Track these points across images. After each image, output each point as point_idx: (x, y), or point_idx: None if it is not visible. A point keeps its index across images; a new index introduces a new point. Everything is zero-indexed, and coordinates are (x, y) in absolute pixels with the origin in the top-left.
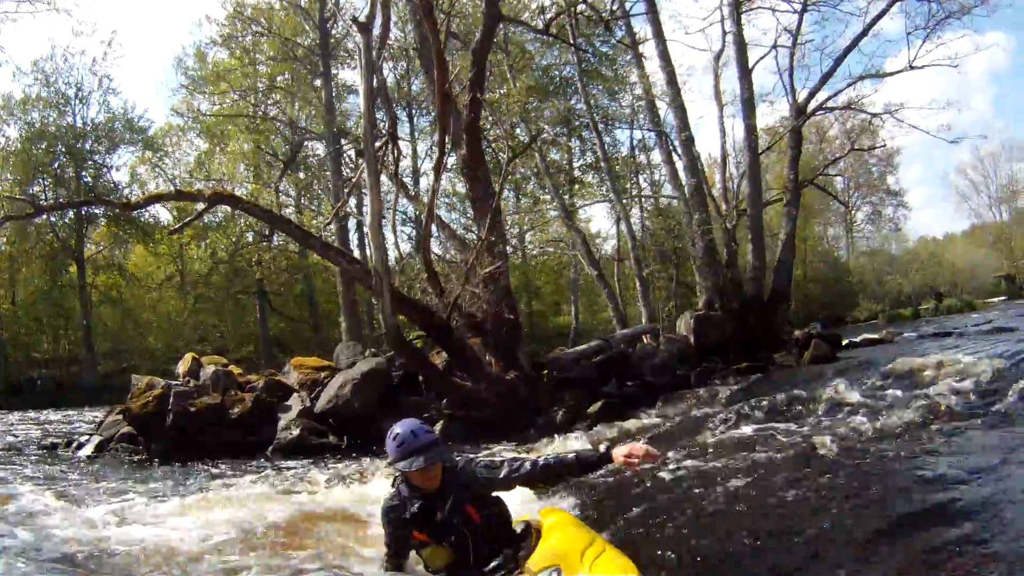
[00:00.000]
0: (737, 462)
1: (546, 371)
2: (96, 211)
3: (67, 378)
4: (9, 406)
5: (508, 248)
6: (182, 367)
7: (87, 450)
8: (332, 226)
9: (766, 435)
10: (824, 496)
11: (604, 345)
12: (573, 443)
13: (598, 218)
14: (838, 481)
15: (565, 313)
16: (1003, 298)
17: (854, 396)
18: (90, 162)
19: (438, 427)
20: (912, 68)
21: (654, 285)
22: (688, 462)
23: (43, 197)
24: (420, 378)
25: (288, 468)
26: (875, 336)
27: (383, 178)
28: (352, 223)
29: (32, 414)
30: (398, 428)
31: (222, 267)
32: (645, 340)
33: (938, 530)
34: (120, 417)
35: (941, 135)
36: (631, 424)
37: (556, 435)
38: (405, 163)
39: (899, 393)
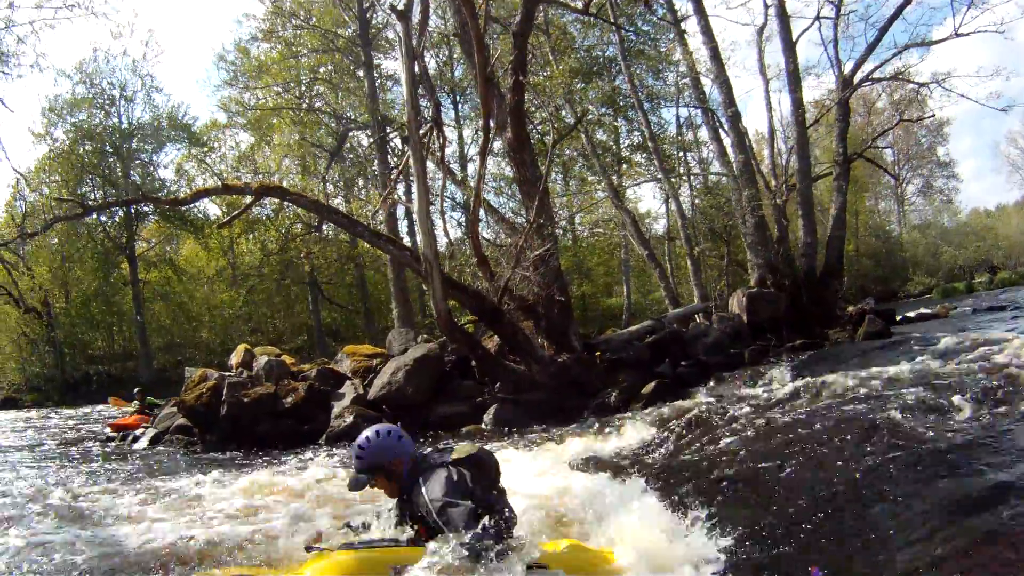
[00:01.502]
0: (791, 442)
1: (599, 353)
2: (145, 208)
3: (123, 373)
4: (67, 403)
5: (557, 230)
6: (235, 358)
7: (143, 443)
8: (380, 214)
9: (821, 414)
10: (882, 477)
11: (656, 325)
12: (629, 426)
13: (647, 198)
14: (896, 463)
15: (617, 294)
16: None
17: (910, 373)
18: (137, 160)
19: (491, 411)
20: (958, 35)
21: (705, 264)
22: (743, 442)
23: (92, 197)
24: (472, 362)
25: (342, 455)
26: (929, 311)
27: (429, 164)
28: (400, 211)
29: (88, 409)
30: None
31: (272, 259)
32: (698, 319)
33: (998, 513)
34: (175, 409)
35: (990, 103)
36: (686, 404)
37: (611, 416)
38: (451, 149)
39: (956, 370)
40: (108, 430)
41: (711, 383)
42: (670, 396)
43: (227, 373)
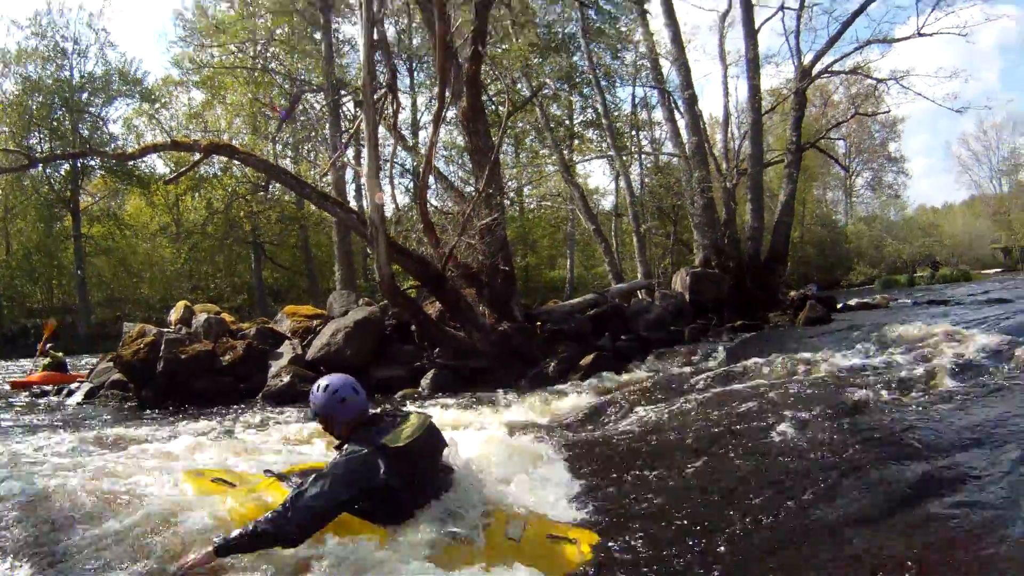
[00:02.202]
0: (727, 420)
1: (540, 323)
2: (92, 162)
3: (61, 327)
4: (3, 355)
5: (506, 201)
6: (174, 315)
7: (77, 397)
8: (329, 176)
9: (756, 395)
10: (814, 459)
11: (599, 299)
12: (566, 396)
13: (596, 175)
14: (830, 445)
15: (560, 267)
16: (999, 270)
17: (848, 360)
18: (87, 114)
19: (429, 376)
20: (921, 35)
21: (651, 242)
22: (678, 419)
23: (39, 149)
24: (413, 327)
25: (278, 414)
26: (870, 300)
27: (381, 130)
28: (349, 176)
29: (25, 363)
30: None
31: (217, 217)
32: (640, 295)
33: (929, 497)
34: (111, 364)
35: (947, 104)
36: (624, 377)
37: (548, 386)
38: (404, 116)
39: (893, 359)
40: (8, 387)
41: (650, 358)
42: (609, 369)
43: (166, 329)
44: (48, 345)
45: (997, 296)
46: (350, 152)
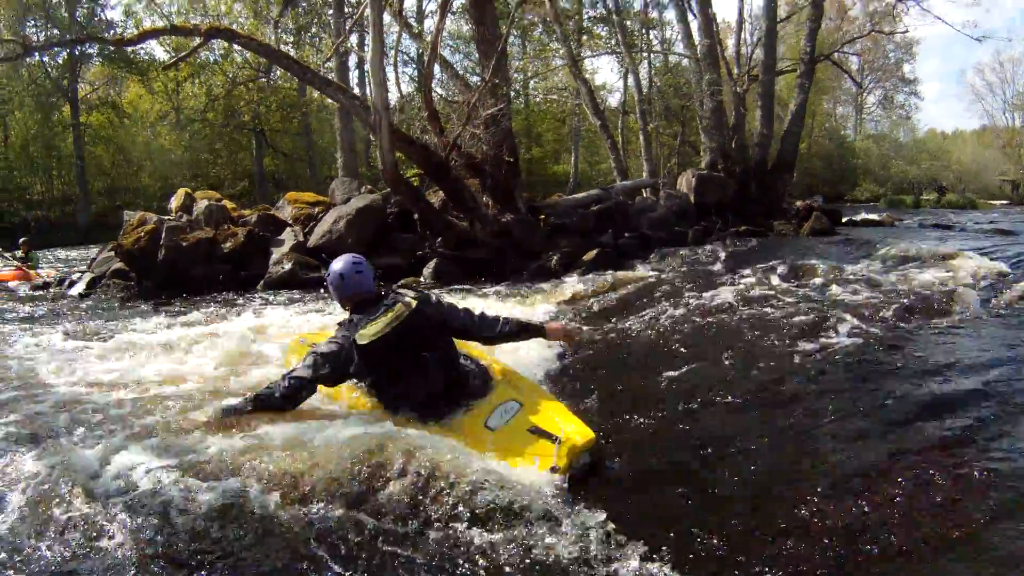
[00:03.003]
0: (725, 324)
1: (543, 216)
2: (90, 49)
3: (61, 219)
4: (3, 248)
5: (511, 93)
6: (175, 203)
7: (79, 288)
8: (332, 62)
9: (757, 301)
10: (809, 376)
11: (603, 195)
12: (567, 290)
13: (604, 71)
14: (825, 361)
15: (565, 162)
16: (1005, 202)
17: (852, 274)
18: (83, 0)
19: (431, 265)
20: None
21: (658, 141)
22: (679, 320)
23: (35, 37)
24: (415, 216)
25: (278, 302)
26: (875, 217)
27: (386, 16)
28: (353, 61)
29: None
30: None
31: (217, 104)
32: (644, 194)
33: (922, 420)
34: (112, 254)
35: (965, 30)
36: (625, 275)
37: (550, 280)
38: (410, 2)
39: (895, 278)
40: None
41: (653, 257)
42: (611, 266)
43: (166, 217)
44: (22, 239)
45: (1003, 227)
46: (353, 38)
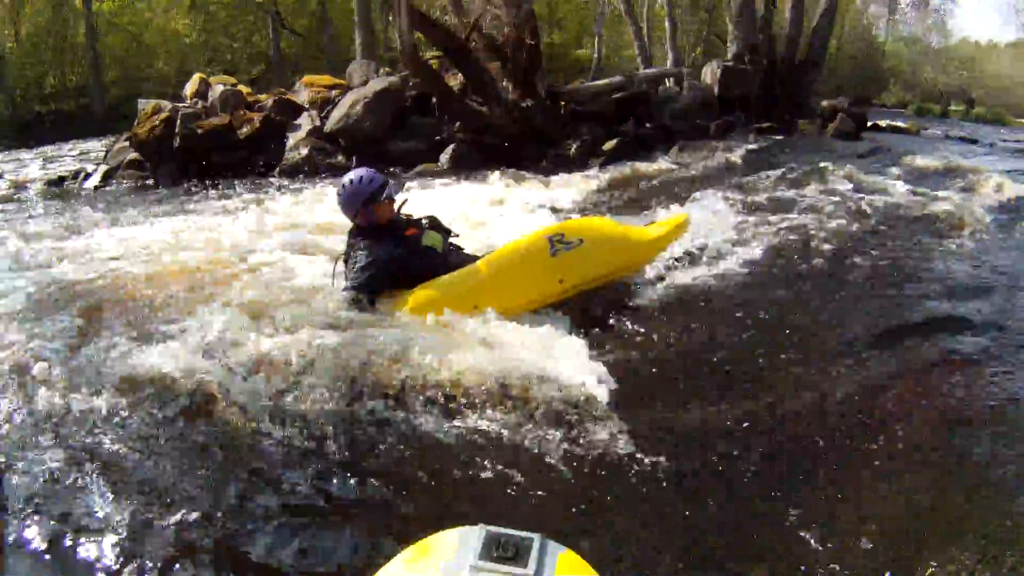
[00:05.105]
0: (743, 226)
1: (564, 102)
2: None
3: (77, 110)
4: (20, 143)
5: None
6: (190, 89)
7: (94, 180)
8: None
9: (779, 201)
10: (826, 287)
11: (626, 82)
12: (589, 181)
13: None
14: (842, 272)
15: (587, 46)
16: None
17: (872, 183)
18: None
19: (449, 150)
20: None
21: (684, 29)
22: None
23: None
24: (434, 100)
25: (295, 187)
26: (901, 124)
27: None
28: None
29: (42, 149)
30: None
31: None
32: (668, 83)
33: (937, 336)
34: (127, 144)
35: None
36: (646, 167)
37: (570, 169)
38: None
39: (921, 189)
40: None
41: (674, 149)
42: (631, 157)
43: (181, 104)
44: None
45: None
46: None
